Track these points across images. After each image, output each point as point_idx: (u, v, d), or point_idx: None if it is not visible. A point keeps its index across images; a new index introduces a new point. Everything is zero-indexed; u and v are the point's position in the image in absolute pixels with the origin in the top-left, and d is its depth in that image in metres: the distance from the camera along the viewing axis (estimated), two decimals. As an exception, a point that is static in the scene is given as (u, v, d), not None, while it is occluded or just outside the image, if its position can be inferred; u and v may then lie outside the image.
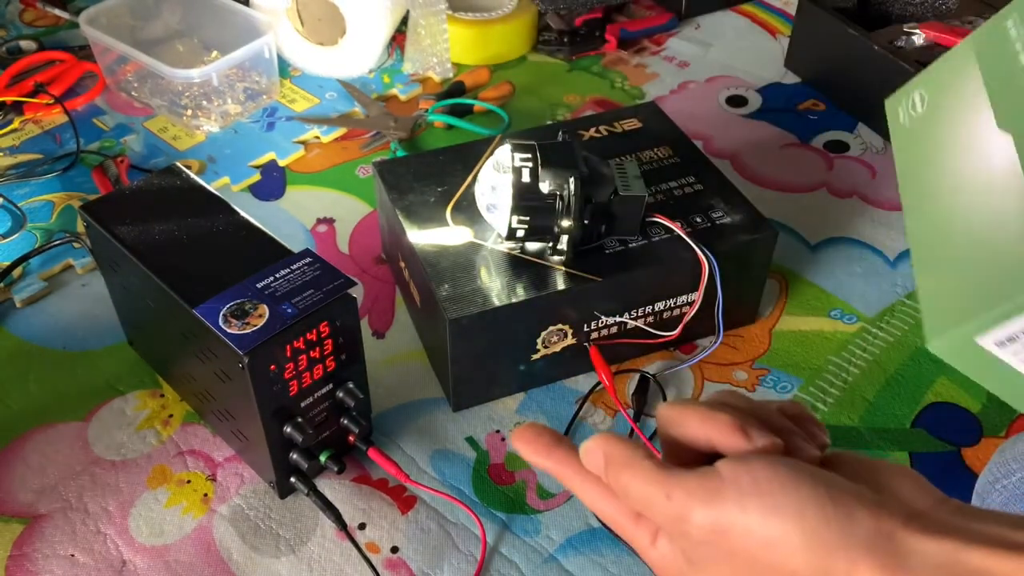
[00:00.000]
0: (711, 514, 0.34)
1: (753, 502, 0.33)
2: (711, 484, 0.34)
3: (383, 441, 0.72)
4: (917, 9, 1.12)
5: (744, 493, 0.33)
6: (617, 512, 0.38)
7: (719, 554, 0.34)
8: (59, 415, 0.73)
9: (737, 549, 0.34)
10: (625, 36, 1.20)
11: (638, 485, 0.36)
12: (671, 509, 0.35)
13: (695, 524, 0.34)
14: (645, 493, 0.36)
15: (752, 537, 0.33)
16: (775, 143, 1.03)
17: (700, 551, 0.35)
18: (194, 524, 0.66)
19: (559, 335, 0.73)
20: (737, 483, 0.34)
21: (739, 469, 0.34)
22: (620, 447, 0.37)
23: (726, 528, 0.33)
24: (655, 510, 0.36)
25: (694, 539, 0.35)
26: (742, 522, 0.33)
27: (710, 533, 0.34)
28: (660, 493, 0.35)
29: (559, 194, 0.68)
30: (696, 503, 0.34)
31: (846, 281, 0.86)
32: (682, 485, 0.35)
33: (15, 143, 1.01)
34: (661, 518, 0.36)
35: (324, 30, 1.11)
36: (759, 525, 0.33)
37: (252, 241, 0.66)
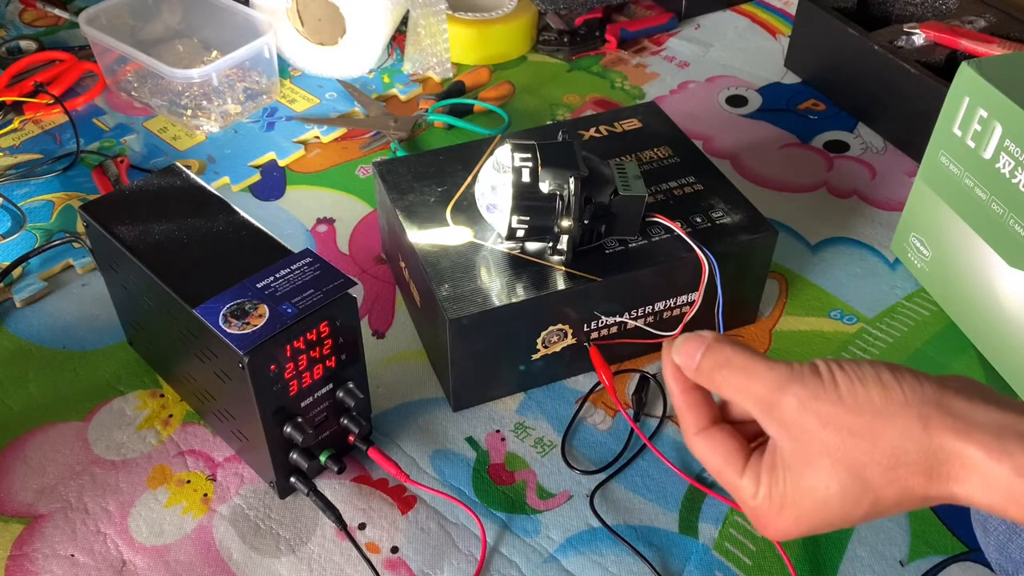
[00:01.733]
0: (809, 384, 0.39)
1: (842, 376, 0.39)
2: (808, 365, 0.40)
3: (383, 441, 0.72)
4: (917, 9, 1.12)
5: (834, 371, 0.40)
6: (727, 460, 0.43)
7: (811, 429, 0.39)
8: (59, 415, 0.73)
9: (829, 419, 0.39)
10: (625, 36, 1.20)
11: (744, 359, 0.41)
12: (772, 379, 0.40)
13: (792, 392, 0.39)
14: (750, 366, 0.41)
15: (843, 404, 0.39)
16: (775, 143, 1.03)
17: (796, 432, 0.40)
18: (194, 524, 0.66)
19: (559, 335, 0.73)
20: (827, 365, 0.40)
21: (826, 359, 0.41)
22: (723, 336, 0.43)
23: (821, 396, 0.39)
24: (755, 382, 0.41)
25: (792, 414, 0.40)
26: (835, 392, 0.39)
27: (807, 400, 0.39)
28: (763, 366, 0.41)
29: (559, 194, 0.68)
30: (796, 375, 0.40)
31: (846, 281, 0.86)
32: (785, 364, 0.41)
33: (15, 143, 1.01)
34: (761, 391, 0.40)
35: (324, 30, 1.11)
36: (848, 392, 0.39)
37: (252, 241, 0.66)
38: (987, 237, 0.74)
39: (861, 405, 0.38)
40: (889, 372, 0.39)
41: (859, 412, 0.38)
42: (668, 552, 0.65)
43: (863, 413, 0.38)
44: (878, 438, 0.38)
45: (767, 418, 0.41)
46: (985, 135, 0.72)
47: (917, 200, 0.82)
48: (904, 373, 0.39)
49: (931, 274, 0.83)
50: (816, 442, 0.39)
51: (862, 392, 0.38)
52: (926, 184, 0.80)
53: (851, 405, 0.38)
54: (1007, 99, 0.69)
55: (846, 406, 0.38)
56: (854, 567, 0.64)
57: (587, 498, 0.68)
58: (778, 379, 0.40)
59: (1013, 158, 0.70)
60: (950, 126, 0.76)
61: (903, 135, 1.01)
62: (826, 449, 0.39)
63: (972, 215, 0.75)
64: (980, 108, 0.72)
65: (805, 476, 0.40)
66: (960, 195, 0.76)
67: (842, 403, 0.38)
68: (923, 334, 0.81)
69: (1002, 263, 0.73)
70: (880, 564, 0.64)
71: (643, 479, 0.70)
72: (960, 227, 0.77)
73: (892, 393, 0.38)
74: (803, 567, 0.64)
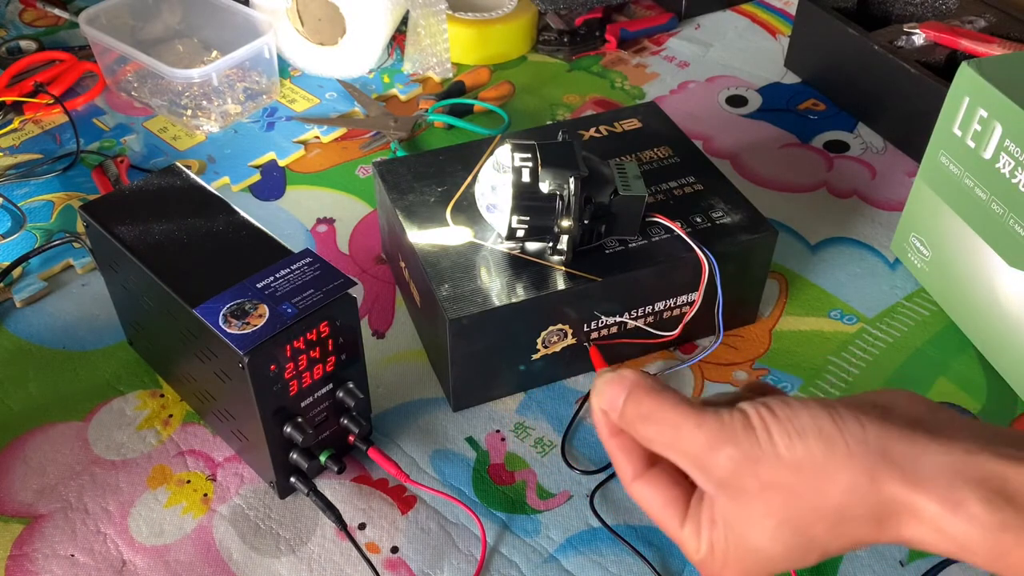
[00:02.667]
0: (743, 444, 0.36)
1: (777, 429, 0.36)
2: (741, 417, 0.36)
3: (383, 441, 0.72)
4: (917, 9, 1.12)
5: (768, 423, 0.36)
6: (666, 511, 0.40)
7: (753, 489, 0.36)
8: (59, 415, 0.73)
9: (768, 479, 0.36)
10: (625, 36, 1.20)
11: (667, 413, 0.37)
12: (701, 440, 0.36)
13: (726, 454, 0.36)
14: (675, 421, 0.37)
15: (782, 462, 0.35)
16: (775, 143, 1.03)
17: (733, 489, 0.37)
18: (194, 524, 0.66)
19: (559, 335, 0.73)
20: (760, 416, 0.36)
21: (759, 406, 0.37)
22: (646, 377, 0.39)
23: (758, 457, 0.36)
24: (683, 440, 0.37)
25: (725, 472, 0.36)
26: (771, 450, 0.35)
27: (742, 462, 0.36)
28: (691, 423, 0.37)
29: (559, 194, 0.68)
30: (728, 433, 0.36)
31: (846, 281, 0.86)
32: (715, 417, 0.37)
33: (15, 143, 1.01)
34: (690, 449, 0.37)
35: (324, 30, 1.11)
36: (787, 449, 0.35)
37: (252, 241, 0.66)
38: (987, 237, 0.74)
39: (801, 462, 0.35)
40: (829, 420, 0.35)
41: (800, 470, 0.35)
42: (668, 552, 0.65)
43: (804, 471, 0.35)
44: (823, 496, 0.35)
45: (701, 477, 0.38)
46: (985, 135, 0.72)
47: (917, 200, 0.82)
48: (845, 418, 0.35)
49: (931, 274, 0.83)
50: (757, 503, 0.36)
51: (801, 447, 0.35)
52: (926, 184, 0.80)
53: (791, 463, 0.35)
54: (1007, 99, 0.69)
55: (785, 464, 0.35)
56: (854, 567, 0.64)
57: (587, 498, 0.68)
58: (708, 438, 0.36)
59: (1013, 158, 0.70)
60: (950, 126, 0.76)
61: (903, 135, 1.01)
62: (768, 510, 0.36)
63: (972, 215, 0.75)
64: (980, 108, 0.72)
65: (748, 537, 0.37)
66: (960, 195, 0.76)
67: (780, 461, 0.35)
68: (923, 334, 0.81)
69: (1002, 263, 0.73)
70: (880, 564, 0.64)
71: (643, 479, 0.69)
72: (960, 227, 0.77)
73: (834, 445, 0.35)
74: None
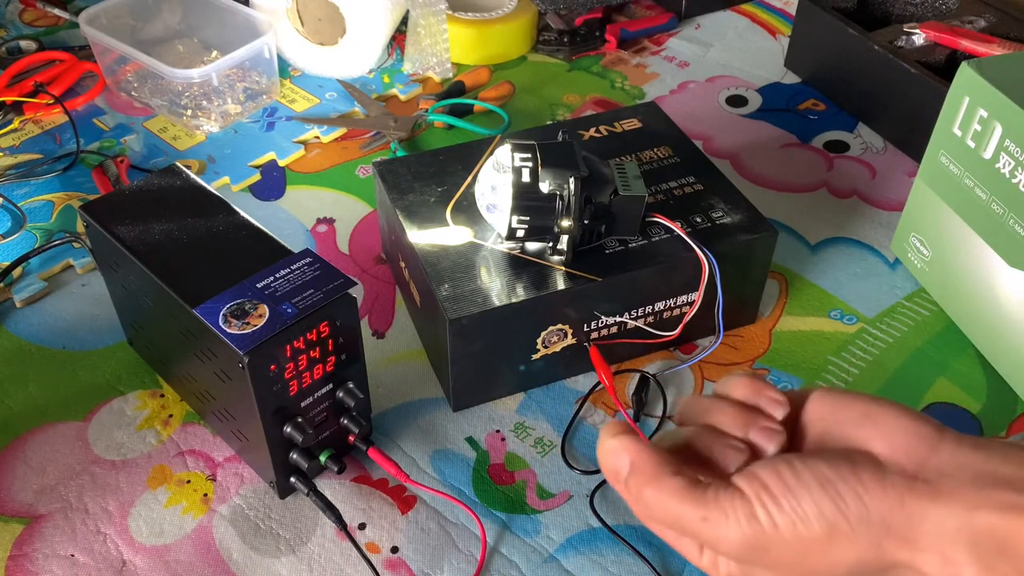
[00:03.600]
0: (750, 536, 0.36)
1: (780, 518, 0.36)
2: (743, 506, 0.36)
3: (383, 441, 0.72)
4: (917, 9, 1.12)
5: (770, 511, 0.36)
6: (682, 542, 0.40)
7: (764, 565, 0.37)
8: (59, 415, 0.73)
9: (779, 560, 0.37)
10: (625, 36, 1.20)
11: (668, 504, 0.37)
12: (708, 533, 0.37)
13: (735, 545, 0.36)
14: (678, 513, 0.37)
15: (789, 546, 0.36)
16: (775, 143, 1.03)
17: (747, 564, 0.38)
18: (194, 524, 0.66)
19: (559, 335, 0.73)
20: (762, 502, 0.36)
21: (757, 487, 0.36)
22: (645, 455, 0.38)
23: (765, 544, 0.36)
24: (689, 531, 0.38)
25: (735, 556, 0.38)
26: (777, 536, 0.36)
27: (752, 551, 0.37)
28: (695, 515, 0.37)
29: (559, 194, 0.68)
30: (733, 527, 0.36)
31: (846, 281, 0.86)
32: (717, 508, 0.36)
33: (15, 143, 1.01)
34: (699, 537, 0.38)
35: (324, 30, 1.11)
36: (791, 534, 0.36)
37: (252, 241, 0.66)
38: (987, 237, 0.74)
39: (808, 546, 0.36)
40: (830, 504, 0.35)
41: (807, 552, 0.36)
42: (668, 552, 0.65)
43: (812, 551, 0.36)
44: (833, 566, 0.36)
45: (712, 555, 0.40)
46: (985, 135, 0.72)
47: (917, 200, 0.82)
48: (846, 497, 0.35)
49: (931, 274, 0.83)
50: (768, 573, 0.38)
51: (806, 533, 0.35)
52: (926, 184, 0.80)
53: (798, 548, 0.36)
54: (1007, 99, 0.69)
55: (793, 549, 0.36)
56: (854, 567, 0.64)
57: (587, 498, 0.68)
58: (716, 532, 0.36)
59: (1013, 158, 0.70)
60: (950, 126, 0.76)
61: (903, 135, 1.01)
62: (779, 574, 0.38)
63: (972, 215, 0.75)
64: (980, 108, 0.72)
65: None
66: (960, 195, 0.76)
67: (787, 545, 0.36)
68: (923, 334, 0.81)
69: (1002, 263, 0.73)
70: (880, 564, 0.64)
71: (643, 479, 0.69)
72: (960, 227, 0.77)
73: (839, 528, 0.35)
74: None
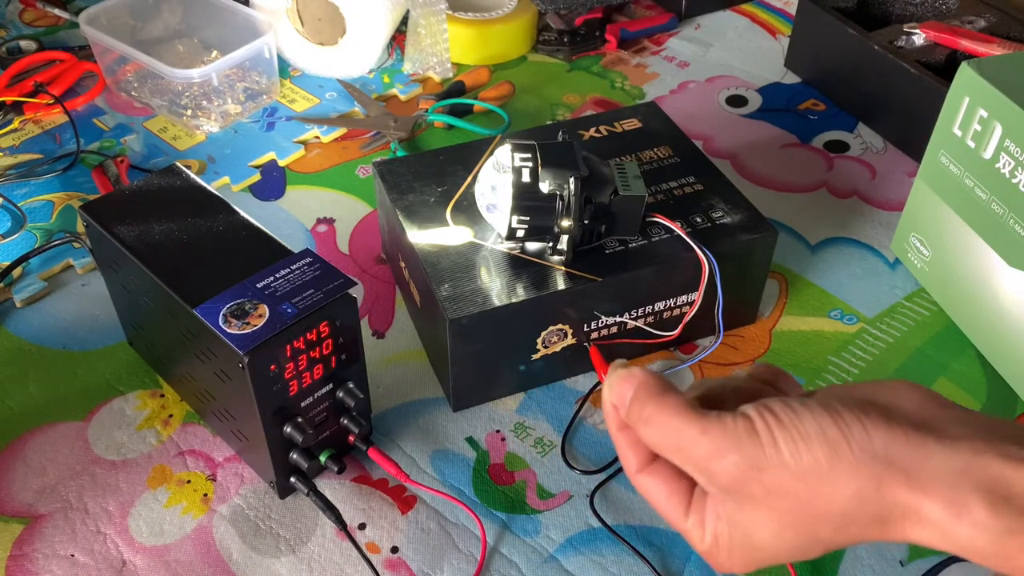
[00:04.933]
0: (748, 451, 0.36)
1: (782, 435, 0.35)
2: (745, 423, 0.36)
3: (383, 441, 0.72)
4: (917, 9, 1.12)
5: (772, 428, 0.36)
6: (670, 502, 0.40)
7: (757, 494, 0.36)
8: (59, 415, 0.73)
9: (773, 485, 0.36)
10: (625, 36, 1.20)
11: (670, 418, 0.37)
12: (705, 447, 0.36)
13: (732, 461, 0.36)
14: (678, 427, 0.37)
15: (787, 469, 0.35)
16: (775, 143, 1.03)
17: (739, 494, 0.37)
18: (194, 524, 0.66)
19: (559, 335, 0.73)
20: (765, 421, 0.36)
21: (763, 409, 0.36)
22: (654, 378, 0.38)
23: (763, 464, 0.35)
24: (687, 447, 0.37)
25: (730, 479, 0.36)
26: (776, 457, 0.35)
27: (747, 470, 0.36)
28: (694, 429, 0.37)
29: (559, 194, 0.68)
30: (732, 440, 0.36)
31: (846, 281, 0.86)
32: (719, 423, 0.36)
33: (15, 143, 1.01)
34: (693, 455, 0.37)
35: (324, 30, 1.11)
36: (791, 456, 0.35)
37: (252, 241, 0.66)
38: (987, 237, 0.74)
39: (806, 470, 0.35)
40: (834, 427, 0.35)
41: (805, 477, 0.35)
42: (668, 552, 0.65)
43: (809, 478, 0.35)
44: (829, 502, 0.35)
45: (705, 482, 0.38)
46: (985, 135, 0.72)
47: (917, 200, 0.82)
48: (850, 424, 0.35)
49: (931, 274, 0.83)
50: (761, 508, 0.37)
51: (807, 454, 0.35)
52: (926, 184, 0.80)
53: (796, 470, 0.35)
54: (1007, 99, 0.69)
55: (790, 472, 0.35)
56: (854, 567, 0.64)
57: (587, 498, 0.68)
58: (712, 446, 0.36)
59: (1013, 158, 0.70)
60: (950, 126, 0.76)
61: (903, 135, 1.01)
62: (773, 515, 0.37)
63: (972, 215, 0.75)
64: (980, 108, 0.72)
65: (753, 535, 0.38)
66: (960, 195, 0.76)
67: (786, 469, 0.35)
68: (923, 334, 0.81)
69: (1002, 263, 0.73)
70: (880, 564, 0.64)
71: (643, 479, 0.69)
72: (960, 227, 0.77)
73: (840, 451, 0.35)
74: (803, 567, 0.64)
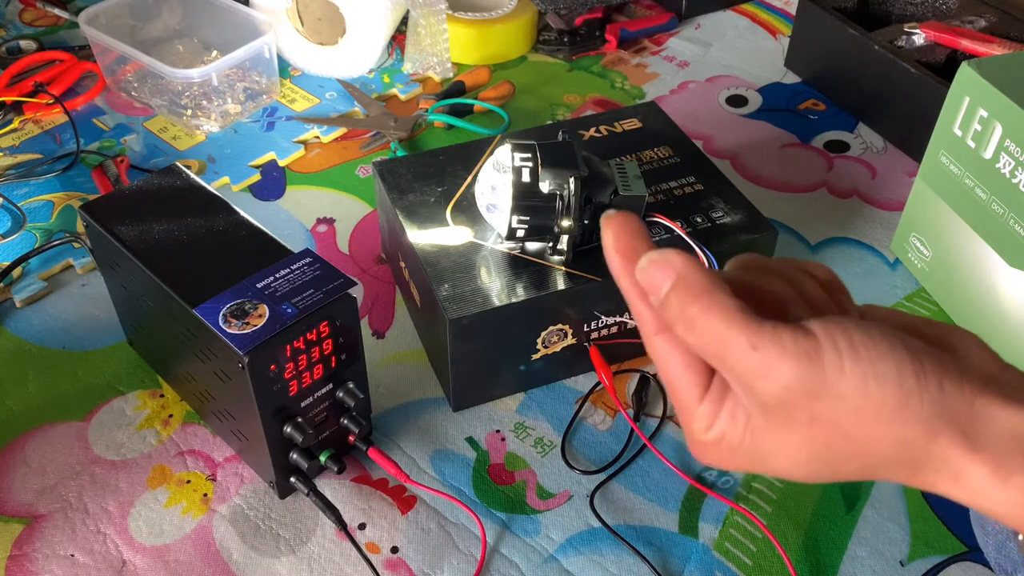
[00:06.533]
0: (805, 375, 0.31)
1: (853, 367, 0.31)
2: (808, 343, 0.31)
3: (383, 441, 0.72)
4: (917, 9, 1.12)
5: (843, 356, 0.31)
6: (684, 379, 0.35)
7: (799, 420, 0.32)
8: (59, 415, 0.73)
9: (822, 415, 0.31)
10: (625, 36, 1.20)
11: (715, 324, 0.31)
12: (754, 362, 0.31)
13: (781, 383, 0.31)
14: (723, 334, 0.31)
15: (844, 403, 0.31)
16: (775, 143, 1.03)
17: (774, 417, 0.32)
18: (194, 524, 0.66)
19: (559, 335, 0.73)
20: (835, 345, 0.31)
21: (835, 331, 0.31)
22: (699, 270, 0.32)
23: (818, 391, 0.31)
24: (731, 358, 0.32)
25: (772, 400, 0.32)
26: (837, 386, 0.31)
27: (799, 395, 0.31)
28: (744, 340, 0.31)
29: (559, 194, 0.68)
30: (789, 360, 0.31)
31: (846, 281, 0.85)
32: (774, 338, 0.31)
33: (15, 143, 1.01)
34: (737, 368, 0.32)
35: (324, 30, 1.11)
36: (856, 390, 0.31)
37: (252, 241, 0.66)
38: (987, 237, 0.74)
39: (868, 408, 0.31)
40: (913, 376, 0.31)
41: (861, 415, 0.31)
42: (668, 552, 0.65)
43: (866, 416, 0.31)
44: (873, 443, 0.32)
45: (745, 396, 0.33)
46: (985, 135, 0.72)
47: (917, 200, 0.82)
48: (929, 377, 0.31)
49: (931, 274, 0.83)
50: (796, 435, 0.32)
51: (875, 392, 0.31)
52: (926, 184, 0.80)
53: (855, 406, 0.31)
54: (1007, 99, 0.69)
55: (848, 406, 0.31)
56: (854, 567, 0.64)
57: (587, 498, 0.68)
58: (762, 363, 0.31)
59: (1013, 158, 0.70)
60: (950, 126, 0.76)
61: (903, 135, 1.01)
62: (805, 444, 0.32)
63: (972, 215, 0.75)
64: (980, 108, 0.72)
65: (769, 455, 0.33)
66: (960, 195, 0.76)
67: (844, 401, 0.31)
68: (923, 334, 0.81)
69: (1002, 263, 0.73)
70: (880, 564, 0.64)
71: (643, 479, 0.69)
72: (960, 227, 0.77)
73: (910, 403, 0.31)
74: (803, 567, 0.64)
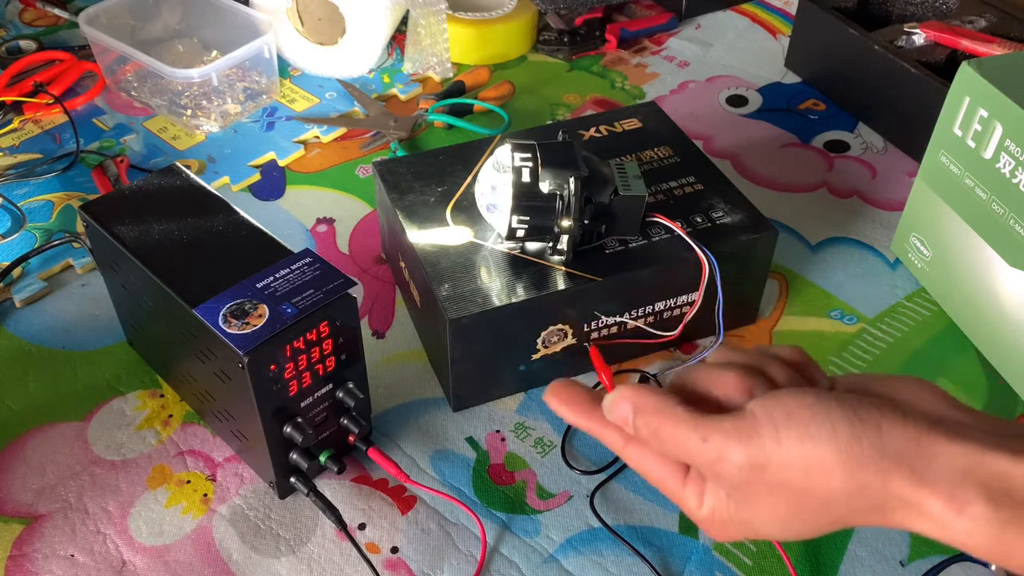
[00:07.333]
0: (749, 452, 0.35)
1: (787, 433, 0.34)
2: (745, 424, 0.36)
3: (383, 441, 0.72)
4: (917, 9, 1.12)
5: (778, 426, 0.35)
6: (664, 472, 0.40)
7: (760, 490, 0.36)
8: (59, 415, 0.73)
9: (777, 482, 0.35)
10: (625, 36, 1.20)
11: (671, 429, 0.37)
12: (709, 452, 0.36)
13: (734, 464, 0.35)
14: (680, 437, 0.37)
15: (790, 468, 0.35)
16: (775, 143, 1.03)
17: (742, 491, 0.37)
18: (194, 524, 0.66)
19: (559, 335, 0.73)
20: (770, 418, 0.35)
21: (770, 404, 0.35)
22: (649, 395, 0.38)
23: (764, 463, 0.35)
24: (692, 454, 0.37)
25: (734, 479, 0.36)
26: (779, 455, 0.35)
27: (750, 471, 0.35)
28: (695, 436, 0.36)
29: (559, 194, 0.68)
30: (733, 443, 0.35)
31: (846, 281, 0.86)
32: (718, 428, 0.36)
33: (15, 143, 1.01)
34: (699, 461, 0.37)
35: (324, 30, 1.11)
36: (796, 454, 0.34)
37: (252, 241, 0.66)
38: (987, 237, 0.74)
39: (811, 467, 0.34)
40: (848, 428, 0.34)
41: (811, 474, 0.34)
42: (668, 552, 0.65)
43: (815, 475, 0.34)
44: (832, 494, 0.35)
45: (711, 480, 0.38)
46: (985, 135, 0.72)
47: (917, 200, 0.82)
48: (866, 423, 0.34)
49: (931, 274, 0.83)
50: (764, 503, 0.36)
51: (813, 450, 0.34)
52: (926, 184, 0.80)
53: (802, 466, 0.34)
54: (1007, 99, 0.69)
55: (794, 469, 0.34)
56: (854, 567, 0.64)
57: (587, 498, 0.68)
58: (714, 453, 0.36)
59: (1013, 158, 0.70)
60: (950, 126, 0.76)
61: (903, 135, 1.01)
62: (775, 508, 0.36)
63: (972, 215, 0.75)
64: (980, 108, 0.72)
65: (752, 520, 0.38)
66: (960, 195, 0.76)
67: (789, 467, 0.34)
68: (923, 334, 0.81)
69: (1002, 263, 0.73)
70: (880, 564, 0.64)
71: (643, 479, 0.69)
72: (960, 227, 0.77)
73: (852, 450, 0.34)
74: (803, 567, 0.64)
